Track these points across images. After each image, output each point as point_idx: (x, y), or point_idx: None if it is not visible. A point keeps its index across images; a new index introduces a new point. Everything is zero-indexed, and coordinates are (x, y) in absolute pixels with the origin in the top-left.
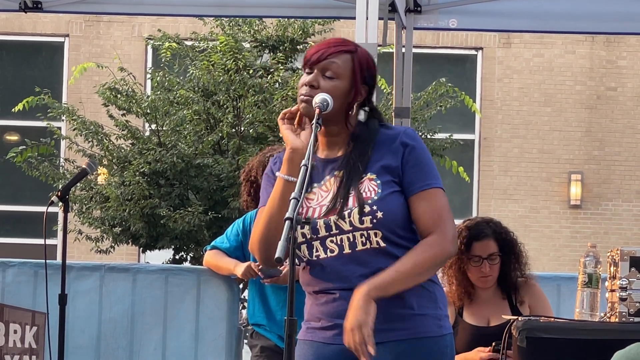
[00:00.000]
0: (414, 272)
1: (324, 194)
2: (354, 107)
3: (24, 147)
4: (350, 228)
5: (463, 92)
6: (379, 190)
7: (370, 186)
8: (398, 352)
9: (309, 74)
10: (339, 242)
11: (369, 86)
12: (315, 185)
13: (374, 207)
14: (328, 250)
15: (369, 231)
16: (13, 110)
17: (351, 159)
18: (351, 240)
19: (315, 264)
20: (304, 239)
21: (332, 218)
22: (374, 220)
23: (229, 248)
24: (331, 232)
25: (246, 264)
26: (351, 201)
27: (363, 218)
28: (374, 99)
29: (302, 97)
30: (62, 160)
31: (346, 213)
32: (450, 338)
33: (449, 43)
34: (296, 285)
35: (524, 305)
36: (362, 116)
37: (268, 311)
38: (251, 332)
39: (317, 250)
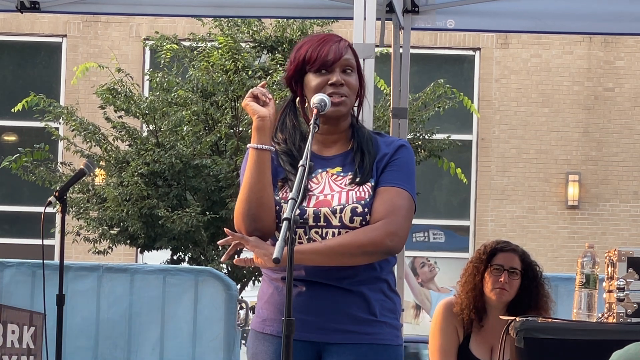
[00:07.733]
0: (339, 250)
1: (314, 185)
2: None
3: (18, 154)
4: (339, 224)
5: (461, 93)
6: (371, 193)
7: (365, 187)
8: (359, 354)
9: (327, 72)
10: (323, 235)
11: None
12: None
13: (366, 210)
14: (311, 240)
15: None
16: (12, 110)
17: (363, 159)
18: (336, 236)
19: None
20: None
21: (323, 210)
22: (363, 223)
23: None
24: (318, 224)
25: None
26: (345, 197)
27: (354, 217)
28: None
29: (337, 97)
30: (58, 163)
31: (338, 208)
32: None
33: (446, 43)
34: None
35: None
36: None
37: None
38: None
39: (299, 238)
